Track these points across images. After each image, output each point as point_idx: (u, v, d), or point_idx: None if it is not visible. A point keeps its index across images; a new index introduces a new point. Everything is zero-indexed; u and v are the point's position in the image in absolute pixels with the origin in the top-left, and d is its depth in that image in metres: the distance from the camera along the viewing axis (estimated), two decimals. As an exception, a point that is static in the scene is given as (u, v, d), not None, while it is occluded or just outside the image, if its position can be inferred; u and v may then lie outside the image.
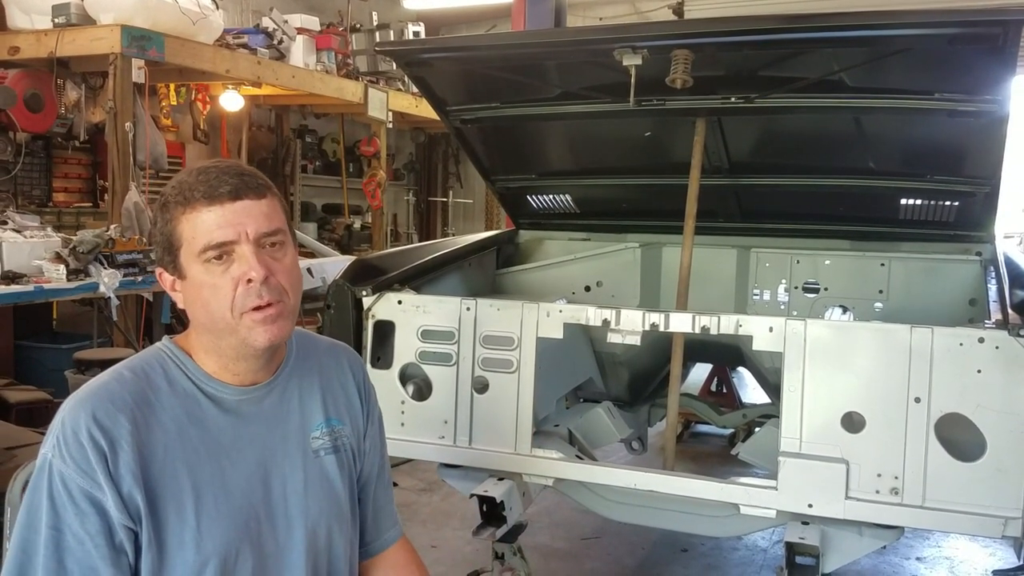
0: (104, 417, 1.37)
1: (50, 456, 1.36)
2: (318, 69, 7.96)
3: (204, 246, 1.41)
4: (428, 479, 4.91)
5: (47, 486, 1.34)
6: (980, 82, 2.72)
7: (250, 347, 1.46)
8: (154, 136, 6.53)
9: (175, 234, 1.44)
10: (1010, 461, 2.24)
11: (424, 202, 12.26)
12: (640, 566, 4.09)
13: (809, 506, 2.41)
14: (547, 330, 2.71)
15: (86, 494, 1.33)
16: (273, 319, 1.44)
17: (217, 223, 1.41)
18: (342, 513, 1.60)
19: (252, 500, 1.47)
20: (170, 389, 1.46)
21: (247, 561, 1.45)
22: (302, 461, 1.55)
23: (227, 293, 1.42)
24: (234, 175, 1.45)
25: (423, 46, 3.08)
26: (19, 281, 4.67)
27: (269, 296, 1.43)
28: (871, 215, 3.56)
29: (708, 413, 4.31)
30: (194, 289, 1.45)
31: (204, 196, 1.42)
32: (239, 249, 1.42)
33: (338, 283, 2.94)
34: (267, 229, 1.45)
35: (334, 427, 1.61)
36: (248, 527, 1.46)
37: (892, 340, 2.36)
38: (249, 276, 1.41)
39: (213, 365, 1.49)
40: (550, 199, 3.99)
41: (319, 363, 1.65)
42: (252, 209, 1.44)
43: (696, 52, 2.64)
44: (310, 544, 1.53)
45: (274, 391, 1.55)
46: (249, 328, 1.43)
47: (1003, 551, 4.22)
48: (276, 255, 1.46)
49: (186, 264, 1.44)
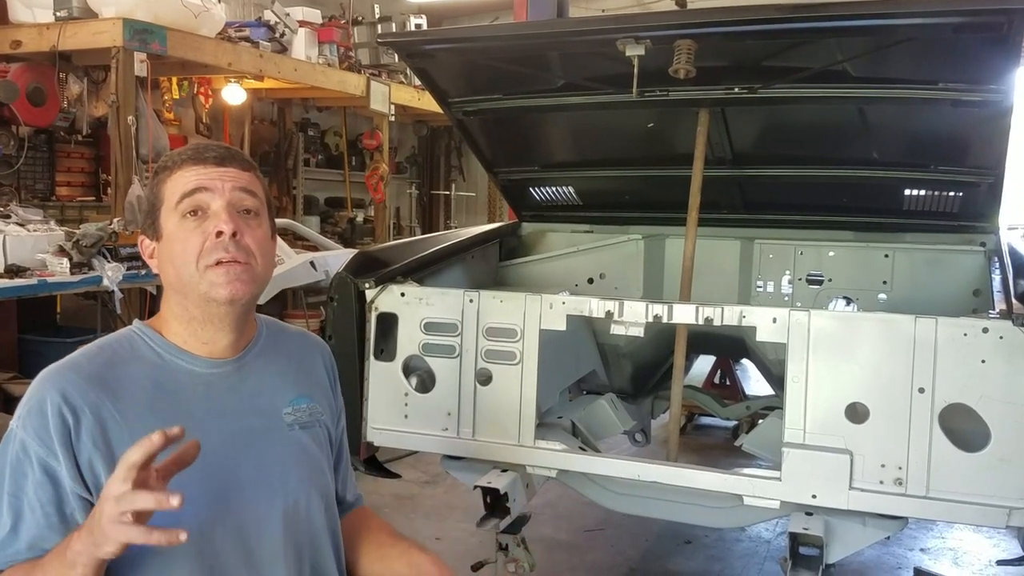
0: (69, 387, 1.40)
1: (15, 426, 1.40)
2: (320, 62, 7.94)
3: (181, 194, 1.46)
4: (432, 471, 4.92)
5: (11, 454, 1.39)
6: (984, 71, 2.70)
7: (212, 302, 1.47)
8: (156, 130, 6.52)
9: (157, 196, 1.50)
10: (1014, 451, 2.24)
11: (427, 195, 12.24)
12: (643, 558, 4.09)
13: (813, 497, 2.41)
14: (550, 322, 2.71)
15: (42, 462, 1.36)
16: (237, 275, 1.46)
17: (197, 176, 1.47)
18: (321, 483, 1.63)
19: (227, 471, 1.48)
20: (139, 362, 1.49)
21: (225, 532, 1.46)
22: (277, 434, 1.58)
23: (195, 245, 1.46)
24: (223, 148, 1.54)
25: (425, 37, 3.08)
26: (22, 275, 4.67)
27: (235, 253, 1.46)
28: (875, 206, 3.55)
29: (712, 405, 4.32)
30: (168, 245, 1.49)
31: (191, 157, 1.49)
32: (214, 205, 1.47)
33: (341, 276, 2.94)
34: (243, 186, 1.50)
35: (307, 404, 1.64)
36: (225, 498, 1.47)
37: (896, 330, 2.35)
38: (220, 229, 1.45)
39: (183, 333, 1.52)
40: (553, 191, 3.98)
41: (288, 345, 1.69)
42: (234, 174, 1.50)
43: (699, 42, 2.63)
44: (289, 515, 1.54)
45: (244, 367, 1.57)
46: (211, 281, 1.46)
47: (1007, 542, 4.22)
48: (250, 222, 1.50)
49: (164, 222, 1.49)
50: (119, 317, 5.46)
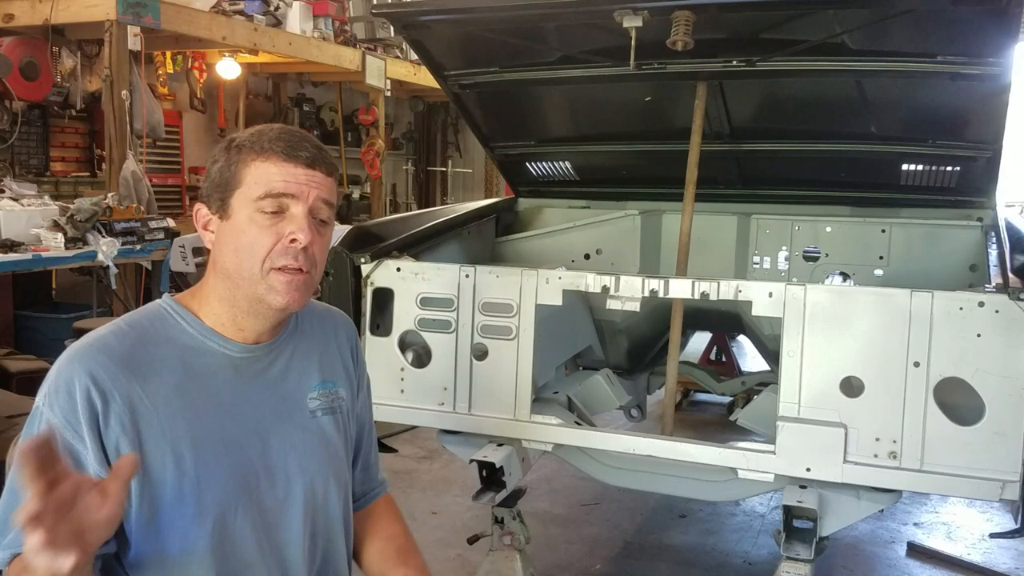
0: (98, 368, 1.37)
1: (41, 405, 1.38)
2: (315, 36, 7.89)
3: (265, 192, 1.44)
4: (428, 446, 4.94)
5: (37, 433, 1.36)
6: (983, 45, 2.68)
7: (265, 304, 1.46)
8: (151, 104, 6.49)
9: (237, 175, 1.46)
10: (1008, 425, 2.25)
11: (423, 172, 12.21)
12: (639, 531, 4.12)
13: (807, 470, 2.42)
14: (546, 297, 2.71)
15: (67, 446, 1.34)
16: (297, 286, 1.46)
17: (285, 177, 1.45)
18: (339, 472, 1.62)
19: (251, 456, 1.48)
20: (169, 344, 1.47)
21: (246, 516, 1.46)
22: (300, 420, 1.57)
23: (266, 244, 1.44)
24: (314, 146, 1.50)
25: (421, 8, 3.03)
26: (17, 249, 4.67)
27: (303, 262, 1.45)
28: (872, 181, 3.54)
29: (707, 381, 4.33)
30: (233, 232, 1.46)
31: (283, 151, 1.45)
32: (294, 209, 1.45)
33: (336, 250, 2.92)
34: (326, 198, 1.48)
35: (330, 389, 1.63)
36: (247, 483, 1.47)
37: (892, 304, 2.35)
38: (296, 236, 1.44)
39: (222, 317, 1.50)
40: (550, 166, 3.96)
41: (316, 327, 1.67)
42: (320, 180, 1.48)
43: (697, 13, 2.60)
44: (308, 501, 1.54)
45: (274, 352, 1.56)
46: (271, 286, 1.45)
47: (1000, 516, 4.26)
48: (321, 230, 1.49)
49: (236, 205, 1.45)
50: (114, 292, 5.46)
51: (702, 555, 3.89)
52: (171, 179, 8.15)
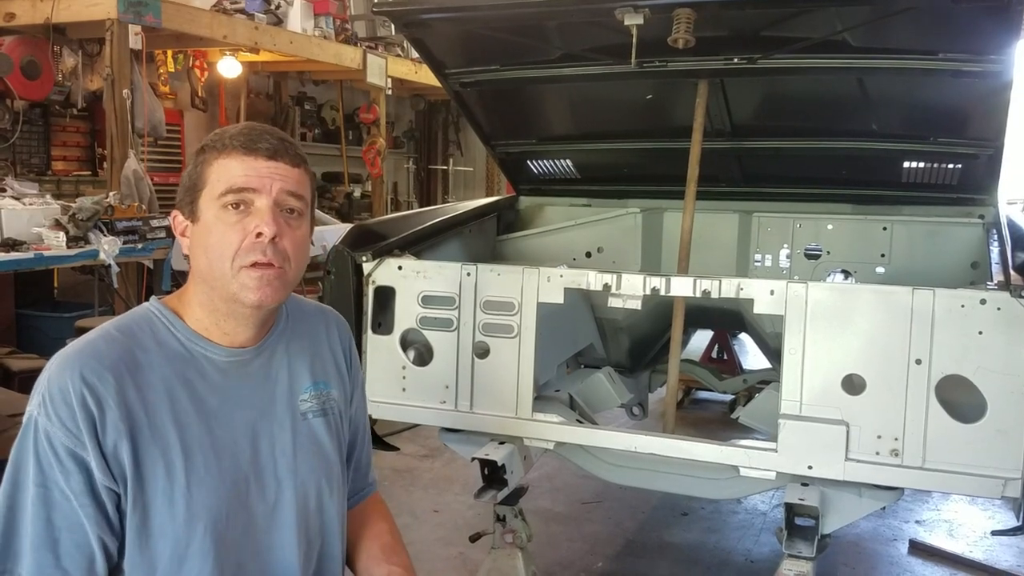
0: (91, 375, 1.36)
1: (36, 414, 1.36)
2: (316, 35, 7.88)
3: (226, 188, 1.42)
4: (430, 445, 4.94)
5: (33, 444, 1.35)
6: (985, 42, 2.68)
7: (239, 303, 1.45)
8: (152, 103, 6.49)
9: (202, 176, 1.45)
10: (1010, 422, 2.25)
11: (424, 170, 12.19)
12: (640, 529, 4.12)
13: (809, 468, 2.42)
14: (548, 295, 2.70)
15: (70, 452, 1.33)
16: (269, 280, 1.43)
17: (245, 171, 1.43)
18: (332, 474, 1.61)
19: (241, 461, 1.47)
20: (158, 349, 1.45)
21: (237, 521, 1.45)
22: (291, 423, 1.56)
23: (233, 242, 1.42)
24: (277, 138, 1.48)
25: (422, 6, 3.03)
26: (19, 248, 4.67)
27: (272, 257, 1.43)
28: (874, 178, 3.53)
29: (709, 379, 4.32)
30: (202, 233, 1.45)
31: (241, 145, 1.44)
32: (258, 203, 1.43)
33: (338, 249, 2.92)
34: (291, 189, 1.46)
35: (322, 390, 1.62)
36: (238, 488, 1.46)
37: (893, 302, 2.35)
38: (260, 230, 1.41)
39: (205, 322, 1.49)
40: (551, 164, 3.96)
41: (307, 327, 1.65)
42: (283, 171, 1.45)
43: (698, 11, 2.60)
44: (300, 505, 1.54)
45: (263, 354, 1.55)
46: (243, 283, 1.43)
47: (1002, 513, 4.26)
48: (292, 222, 1.46)
49: (203, 206, 1.44)
50: (116, 291, 5.46)
51: (704, 553, 3.89)
52: (172, 178, 8.13)
